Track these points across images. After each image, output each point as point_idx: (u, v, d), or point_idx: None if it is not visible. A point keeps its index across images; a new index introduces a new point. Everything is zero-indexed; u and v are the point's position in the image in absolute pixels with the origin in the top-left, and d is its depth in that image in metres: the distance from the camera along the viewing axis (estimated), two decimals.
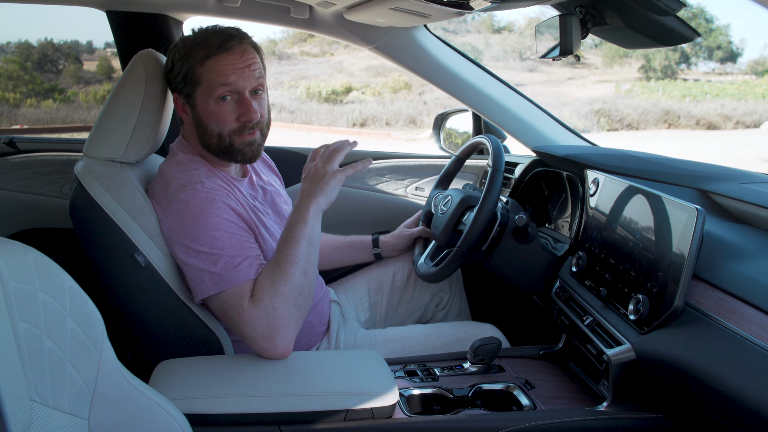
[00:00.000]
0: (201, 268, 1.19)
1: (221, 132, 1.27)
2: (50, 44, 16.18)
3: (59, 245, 1.91)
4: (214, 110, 1.26)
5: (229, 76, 1.24)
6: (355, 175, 2.12)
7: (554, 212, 1.75)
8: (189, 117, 1.31)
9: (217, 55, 1.24)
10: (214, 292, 1.18)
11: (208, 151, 1.32)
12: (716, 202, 1.28)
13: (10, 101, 14.05)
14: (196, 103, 1.28)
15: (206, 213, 1.20)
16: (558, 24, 1.43)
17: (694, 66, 19.96)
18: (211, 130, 1.28)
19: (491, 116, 1.89)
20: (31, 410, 0.66)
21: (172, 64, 1.28)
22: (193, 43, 1.26)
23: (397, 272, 1.72)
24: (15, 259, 0.69)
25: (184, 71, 1.26)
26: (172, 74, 1.28)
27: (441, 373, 1.32)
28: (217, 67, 1.24)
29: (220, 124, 1.27)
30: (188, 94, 1.28)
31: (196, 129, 1.30)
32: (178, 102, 1.32)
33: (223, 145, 1.28)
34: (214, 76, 1.24)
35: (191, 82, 1.26)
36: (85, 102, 14.50)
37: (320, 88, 16.34)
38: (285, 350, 1.16)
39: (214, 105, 1.25)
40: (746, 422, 0.87)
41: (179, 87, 1.28)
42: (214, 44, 1.24)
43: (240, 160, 1.33)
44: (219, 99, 1.25)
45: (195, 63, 1.25)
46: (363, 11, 1.58)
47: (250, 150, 1.30)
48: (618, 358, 1.09)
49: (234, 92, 1.26)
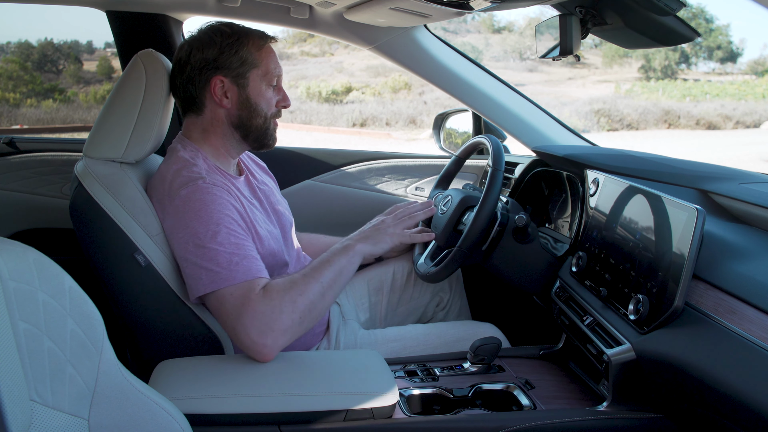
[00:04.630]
0: (200, 265, 1.18)
1: (266, 114, 1.36)
2: (50, 44, 16.20)
3: (59, 245, 1.92)
4: (266, 93, 1.35)
5: (278, 66, 1.36)
6: (354, 175, 2.13)
7: (554, 212, 1.75)
8: (231, 99, 1.33)
9: (270, 45, 1.35)
10: (211, 289, 1.17)
11: (240, 133, 1.36)
12: (716, 202, 1.28)
13: (10, 101, 14.06)
14: (249, 84, 1.32)
15: (208, 208, 1.20)
16: (558, 24, 1.43)
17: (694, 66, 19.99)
18: (260, 110, 1.35)
19: (491, 116, 1.89)
20: (31, 410, 0.66)
21: (220, 48, 1.31)
22: (240, 31, 1.33)
23: (397, 272, 1.72)
24: (15, 259, 0.69)
25: (242, 53, 1.31)
26: (224, 55, 1.31)
27: (441, 373, 1.32)
28: (271, 53, 1.35)
29: (269, 106, 1.36)
30: (240, 75, 1.32)
31: (238, 110, 1.33)
32: (218, 85, 1.31)
33: (265, 126, 1.37)
34: (271, 63, 1.34)
35: (249, 63, 1.32)
36: (85, 102, 14.50)
37: (320, 88, 16.36)
38: (271, 353, 1.14)
39: (266, 88, 1.35)
40: (746, 422, 0.87)
41: (232, 67, 1.31)
42: (264, 35, 1.35)
43: (269, 145, 1.41)
44: (270, 85, 1.35)
45: (252, 47, 1.32)
46: (363, 11, 1.58)
47: (276, 137, 1.42)
48: (618, 358, 1.09)
49: (278, 81, 1.38)
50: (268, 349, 1.14)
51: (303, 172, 2.10)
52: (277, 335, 1.14)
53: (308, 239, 1.72)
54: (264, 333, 1.13)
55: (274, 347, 1.14)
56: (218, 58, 1.31)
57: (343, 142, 12.09)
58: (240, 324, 1.14)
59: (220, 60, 1.31)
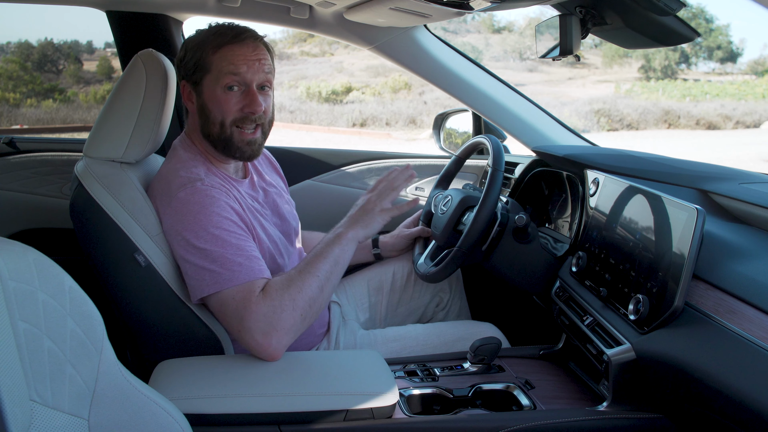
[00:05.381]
0: (201, 266, 1.18)
1: (223, 120, 1.28)
2: (50, 44, 16.18)
3: (59, 245, 1.92)
4: (220, 97, 1.27)
5: (239, 66, 1.26)
6: (354, 175, 2.13)
7: (554, 212, 1.75)
8: (194, 105, 1.32)
9: (231, 45, 1.27)
10: (213, 291, 1.18)
11: (208, 142, 1.32)
12: (716, 202, 1.28)
13: (10, 101, 14.05)
14: (203, 90, 1.29)
15: (206, 210, 1.20)
16: (558, 24, 1.43)
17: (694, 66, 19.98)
18: (214, 117, 1.28)
19: (491, 116, 1.89)
20: (31, 410, 0.66)
21: (185, 51, 1.31)
22: (208, 32, 1.29)
23: (397, 272, 1.72)
24: (15, 259, 0.69)
25: (196, 58, 1.28)
26: (184, 61, 1.31)
27: (441, 373, 1.32)
28: (229, 56, 1.26)
29: (224, 112, 1.28)
30: (196, 81, 1.30)
31: (199, 116, 1.31)
32: (185, 90, 1.33)
33: (224, 135, 1.29)
34: (224, 65, 1.26)
35: (201, 69, 1.28)
36: (85, 102, 14.50)
37: (320, 88, 16.35)
38: (276, 353, 1.15)
39: (221, 92, 1.27)
40: (746, 422, 0.87)
41: (189, 74, 1.30)
42: (228, 34, 1.27)
43: (238, 157, 1.33)
44: (226, 88, 1.27)
45: (208, 50, 1.27)
46: (363, 11, 1.58)
47: (249, 149, 1.32)
48: (618, 358, 1.09)
49: (242, 83, 1.27)
50: (274, 349, 1.14)
51: (303, 172, 2.10)
52: (281, 334, 1.15)
53: (309, 236, 1.72)
54: (268, 334, 1.14)
55: (279, 346, 1.15)
56: (181, 63, 1.32)
57: (343, 142, 12.09)
58: (243, 327, 1.15)
59: (182, 64, 1.32)
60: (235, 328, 1.17)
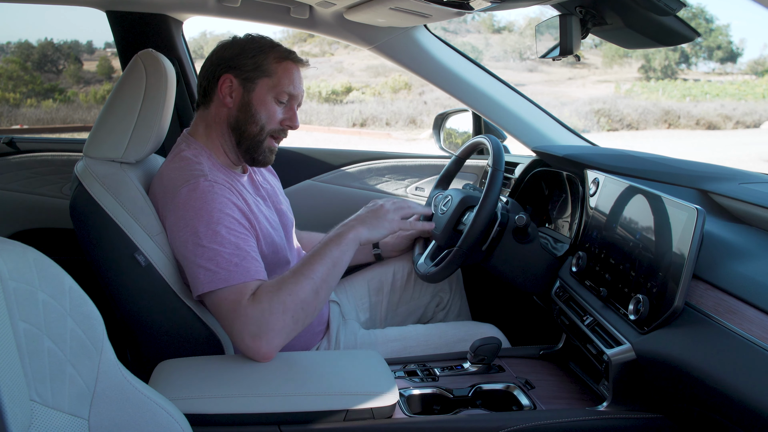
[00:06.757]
0: (199, 264, 1.18)
1: (264, 126, 1.34)
2: (50, 44, 16.19)
3: (59, 245, 1.92)
4: (270, 105, 1.33)
5: (297, 86, 1.35)
6: (354, 175, 2.13)
7: (554, 212, 1.75)
8: (234, 99, 1.33)
9: (292, 62, 1.35)
10: (209, 289, 1.17)
11: (235, 135, 1.35)
12: (716, 202, 1.28)
13: (10, 101, 14.06)
14: (255, 88, 1.32)
15: (209, 207, 1.20)
16: (558, 24, 1.43)
17: (694, 66, 19.99)
18: (258, 119, 1.33)
19: (491, 116, 1.89)
20: (31, 410, 0.66)
21: (240, 50, 1.33)
22: (267, 43, 1.35)
23: (397, 272, 1.72)
24: (15, 259, 0.69)
25: (257, 60, 1.32)
26: (240, 57, 1.32)
27: (441, 373, 1.32)
28: (291, 71, 1.34)
29: (269, 119, 1.34)
30: (250, 78, 1.32)
31: (238, 111, 1.33)
32: (227, 81, 1.33)
33: (258, 138, 1.34)
34: (286, 79, 1.33)
35: (261, 71, 1.32)
36: (85, 102, 14.51)
37: (320, 88, 16.35)
38: (268, 354, 1.14)
39: (271, 101, 1.33)
40: (746, 422, 0.87)
41: (244, 69, 1.32)
42: (289, 52, 1.35)
43: (258, 160, 1.37)
44: (277, 100, 1.33)
45: (270, 57, 1.33)
46: (363, 11, 1.58)
47: (271, 156, 1.39)
48: (618, 358, 1.09)
49: (290, 100, 1.35)
50: (264, 351, 1.14)
51: (303, 172, 2.10)
52: (270, 337, 1.14)
53: (308, 237, 1.72)
54: (257, 336, 1.13)
55: (270, 348, 1.14)
56: (234, 58, 1.33)
57: (343, 142, 12.10)
58: (234, 329, 1.15)
59: (236, 60, 1.33)
60: (228, 329, 1.17)
